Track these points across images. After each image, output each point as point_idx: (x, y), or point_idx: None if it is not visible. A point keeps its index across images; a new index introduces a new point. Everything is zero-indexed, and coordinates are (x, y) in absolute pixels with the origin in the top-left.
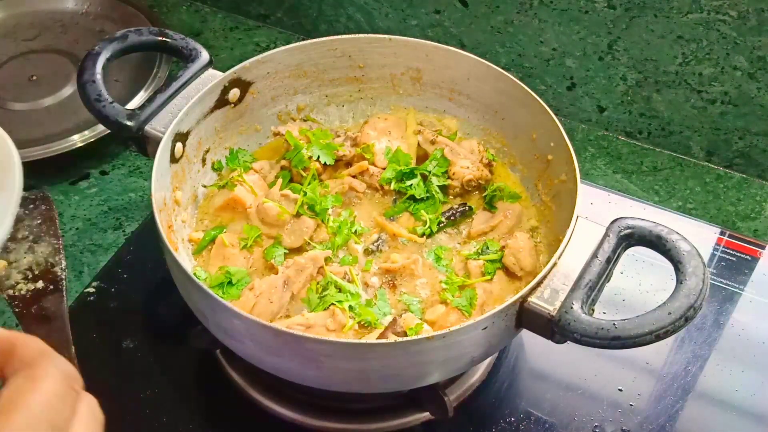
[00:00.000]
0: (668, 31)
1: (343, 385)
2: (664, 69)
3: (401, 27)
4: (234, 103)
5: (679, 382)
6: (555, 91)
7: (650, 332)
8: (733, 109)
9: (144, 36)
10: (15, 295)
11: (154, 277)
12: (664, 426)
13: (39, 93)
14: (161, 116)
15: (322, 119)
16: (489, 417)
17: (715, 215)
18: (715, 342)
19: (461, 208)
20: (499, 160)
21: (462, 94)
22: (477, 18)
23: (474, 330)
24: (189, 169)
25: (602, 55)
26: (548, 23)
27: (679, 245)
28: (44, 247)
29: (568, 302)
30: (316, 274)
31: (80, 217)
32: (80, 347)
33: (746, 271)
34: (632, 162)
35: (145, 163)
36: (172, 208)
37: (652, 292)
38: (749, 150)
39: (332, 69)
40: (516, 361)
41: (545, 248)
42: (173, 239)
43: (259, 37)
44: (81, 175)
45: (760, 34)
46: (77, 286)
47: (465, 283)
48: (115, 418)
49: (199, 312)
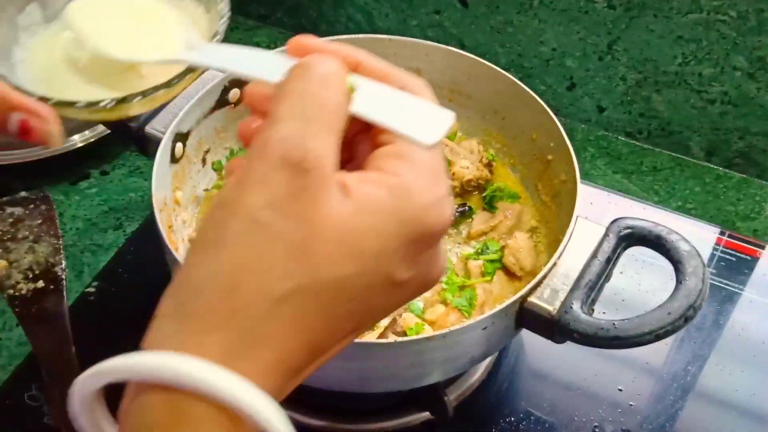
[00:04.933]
0: (668, 31)
1: (343, 385)
2: (664, 69)
3: (401, 27)
4: (234, 104)
5: (679, 382)
6: (555, 91)
7: (650, 332)
8: (733, 109)
9: None
10: (15, 295)
11: (154, 277)
12: (664, 426)
13: None
14: (161, 116)
15: None
16: (489, 417)
17: (714, 215)
18: (715, 342)
19: (461, 209)
20: (499, 160)
21: (462, 94)
22: (477, 18)
23: (474, 330)
24: (189, 169)
25: (602, 55)
26: (548, 23)
27: (678, 245)
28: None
29: (567, 302)
30: None
31: (80, 217)
32: (80, 347)
33: (746, 271)
34: (632, 162)
35: (146, 163)
36: (172, 208)
37: (652, 292)
38: (749, 150)
39: None
40: (516, 361)
41: (545, 248)
42: (173, 239)
43: (259, 37)
44: (81, 175)
45: (760, 34)
46: (77, 286)
47: (465, 283)
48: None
49: None
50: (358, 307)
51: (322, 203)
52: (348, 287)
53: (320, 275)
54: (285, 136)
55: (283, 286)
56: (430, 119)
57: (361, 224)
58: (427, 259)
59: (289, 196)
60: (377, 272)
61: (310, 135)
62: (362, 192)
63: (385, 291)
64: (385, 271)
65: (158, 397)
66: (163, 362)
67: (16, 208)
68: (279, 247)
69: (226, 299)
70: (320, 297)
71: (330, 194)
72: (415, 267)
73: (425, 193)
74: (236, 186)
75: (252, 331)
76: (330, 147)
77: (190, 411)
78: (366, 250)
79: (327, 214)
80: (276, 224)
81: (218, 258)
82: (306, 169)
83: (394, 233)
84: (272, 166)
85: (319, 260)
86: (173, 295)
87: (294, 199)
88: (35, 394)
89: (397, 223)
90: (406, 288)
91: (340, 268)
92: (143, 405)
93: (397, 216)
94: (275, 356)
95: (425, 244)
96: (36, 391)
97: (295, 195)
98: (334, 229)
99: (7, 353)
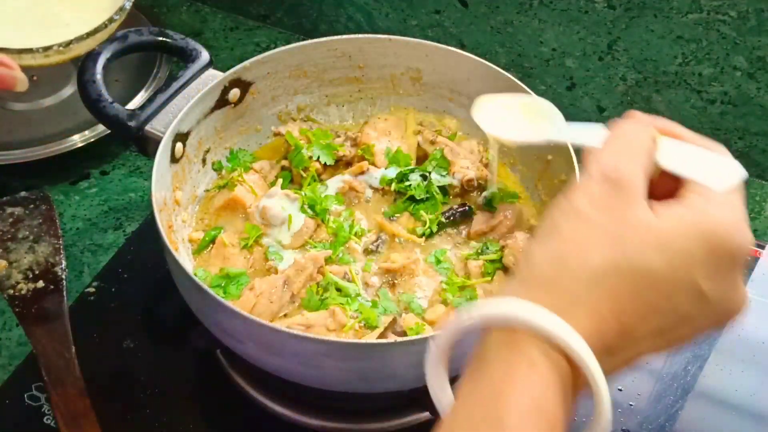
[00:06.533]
0: (668, 31)
1: (343, 385)
2: (664, 69)
3: (401, 27)
4: (234, 104)
5: (679, 382)
6: (555, 91)
7: None
8: (733, 109)
9: (144, 36)
10: (15, 295)
11: (154, 277)
12: (664, 426)
13: (39, 93)
14: (161, 116)
15: (322, 119)
16: None
17: None
18: (715, 342)
19: (461, 209)
20: (499, 160)
21: (462, 94)
22: (477, 18)
23: None
24: (189, 169)
25: (602, 55)
26: (548, 23)
27: None
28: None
29: None
30: (316, 274)
31: (80, 217)
32: (80, 347)
33: (746, 271)
34: None
35: (145, 163)
36: (172, 208)
37: None
38: (749, 150)
39: (332, 69)
40: None
41: None
42: (173, 239)
43: (259, 37)
44: (81, 175)
45: (760, 34)
46: (77, 286)
47: (465, 283)
48: (115, 418)
49: (199, 312)
50: (665, 302)
51: (633, 209)
52: (656, 277)
53: (632, 260)
54: (606, 161)
55: (602, 263)
56: (723, 170)
57: (667, 228)
58: (730, 282)
59: (607, 199)
60: (682, 270)
61: (624, 162)
62: (667, 209)
63: (690, 296)
64: (689, 272)
65: (499, 336)
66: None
67: (16, 208)
68: (598, 233)
69: (555, 268)
70: (631, 279)
71: (639, 205)
72: (717, 284)
73: (725, 215)
74: (566, 194)
75: (573, 293)
76: (639, 174)
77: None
78: (672, 247)
79: (637, 216)
80: (596, 218)
81: (551, 242)
82: (621, 185)
83: (696, 238)
84: (595, 181)
85: (631, 249)
86: (519, 271)
87: (611, 203)
88: (35, 394)
89: (699, 231)
90: (709, 305)
91: (649, 258)
92: (486, 344)
93: (700, 226)
94: (591, 320)
95: (727, 261)
96: (36, 391)
97: (611, 200)
98: (643, 228)
99: (7, 353)
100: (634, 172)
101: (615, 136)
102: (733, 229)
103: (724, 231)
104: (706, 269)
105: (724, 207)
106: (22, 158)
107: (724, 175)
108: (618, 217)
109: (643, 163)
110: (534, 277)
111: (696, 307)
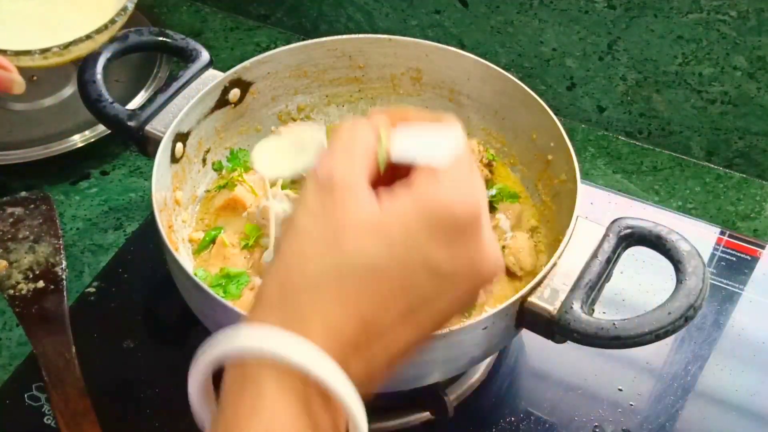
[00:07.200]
0: (668, 31)
1: None
2: (664, 69)
3: (401, 27)
4: (234, 104)
5: (679, 382)
6: (555, 91)
7: (650, 332)
8: (733, 109)
9: (144, 36)
10: (15, 295)
11: (154, 277)
12: (664, 426)
13: (39, 93)
14: (162, 116)
15: (323, 119)
16: (489, 417)
17: (715, 215)
18: (715, 342)
19: None
20: (499, 160)
21: (462, 94)
22: (477, 18)
23: (474, 330)
24: (189, 169)
25: (602, 55)
26: (548, 23)
27: (678, 245)
28: (45, 247)
29: (568, 302)
30: None
31: (80, 217)
32: (80, 347)
33: (746, 271)
34: (632, 162)
35: (146, 163)
36: (172, 208)
37: (652, 292)
38: (749, 150)
39: (332, 69)
40: (516, 361)
41: (545, 248)
42: (173, 239)
43: (259, 37)
44: (81, 175)
45: (760, 34)
46: (77, 286)
47: None
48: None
49: (199, 312)
50: (400, 285)
51: (348, 210)
52: (381, 268)
53: (352, 258)
54: (320, 171)
55: (322, 268)
56: (446, 143)
57: (387, 218)
58: (471, 248)
59: (322, 207)
60: (409, 254)
61: (338, 167)
62: (391, 200)
63: (427, 273)
64: (419, 253)
65: (232, 372)
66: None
67: (16, 208)
68: (317, 244)
69: (280, 288)
70: (356, 275)
71: (356, 203)
72: (455, 255)
73: (445, 189)
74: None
75: (299, 304)
76: (355, 174)
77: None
78: (391, 235)
79: (354, 215)
80: (311, 228)
81: (276, 263)
82: (333, 190)
83: (417, 220)
84: (310, 192)
85: (349, 248)
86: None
87: (326, 210)
88: (35, 394)
89: (418, 213)
90: (455, 277)
91: (369, 252)
92: (225, 382)
93: (418, 208)
94: (323, 323)
95: (454, 231)
96: (36, 391)
97: (326, 207)
98: (360, 225)
99: (7, 353)
100: (348, 173)
101: (331, 142)
102: (450, 200)
103: (441, 206)
104: (436, 244)
105: (444, 181)
106: (22, 158)
107: (447, 148)
108: (332, 221)
109: (361, 162)
110: (261, 302)
111: (437, 281)
